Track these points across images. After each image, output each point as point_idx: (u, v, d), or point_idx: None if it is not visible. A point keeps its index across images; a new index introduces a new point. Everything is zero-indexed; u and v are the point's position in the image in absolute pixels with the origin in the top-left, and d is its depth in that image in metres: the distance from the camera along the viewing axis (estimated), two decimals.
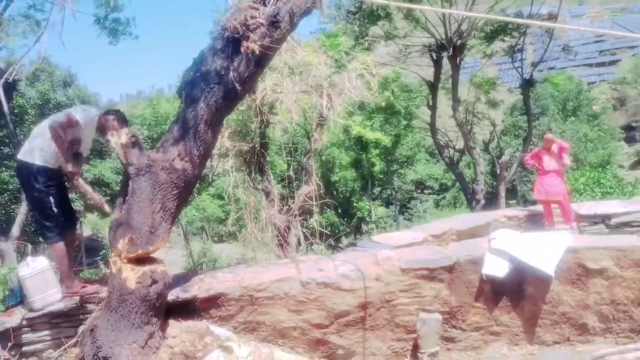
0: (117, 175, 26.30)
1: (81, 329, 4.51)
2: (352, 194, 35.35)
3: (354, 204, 34.72)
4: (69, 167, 4.75)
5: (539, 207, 8.91)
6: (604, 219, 7.96)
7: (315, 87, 7.89)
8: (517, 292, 5.57)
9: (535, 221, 8.64)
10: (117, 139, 4.29)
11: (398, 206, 36.51)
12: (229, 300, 4.86)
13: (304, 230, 10.15)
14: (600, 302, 5.46)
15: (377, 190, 37.21)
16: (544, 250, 5.54)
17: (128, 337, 4.07)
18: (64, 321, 4.57)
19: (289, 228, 8.63)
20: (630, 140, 52.71)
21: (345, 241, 30.67)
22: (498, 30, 17.69)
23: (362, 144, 31.67)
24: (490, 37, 18.07)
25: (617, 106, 57.67)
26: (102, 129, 4.95)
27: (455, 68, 18.66)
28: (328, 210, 30.93)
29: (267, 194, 8.80)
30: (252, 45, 4.22)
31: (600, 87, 62.41)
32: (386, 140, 31.04)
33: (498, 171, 20.97)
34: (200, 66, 4.42)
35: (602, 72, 68.24)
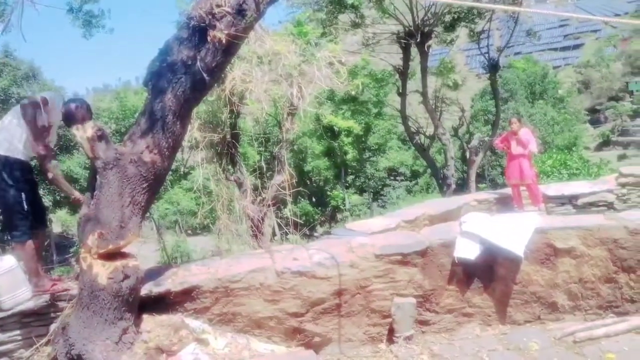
0: (86, 170, 25.73)
1: (53, 327, 4.43)
2: (326, 183, 35.48)
3: (328, 193, 34.88)
4: (40, 149, 4.54)
5: (508, 190, 9.07)
6: (571, 199, 8.16)
7: (285, 77, 7.82)
8: (489, 273, 5.66)
9: (504, 204, 8.81)
10: (83, 132, 4.18)
11: (371, 193, 36.75)
12: (204, 292, 4.83)
13: (279, 220, 10.14)
14: (569, 280, 5.60)
15: (350, 178, 37.39)
16: (513, 232, 5.64)
17: (101, 334, 4.02)
18: (35, 320, 4.47)
19: (263, 219, 8.58)
20: (595, 122, 54.21)
21: (320, 230, 30.81)
22: (459, 18, 17.79)
23: (333, 133, 31.72)
24: (450, 26, 18.18)
25: (581, 89, 59.05)
26: (67, 118, 4.74)
27: (424, 55, 18.74)
28: (302, 199, 30.98)
29: (240, 185, 8.71)
30: (219, 34, 4.17)
31: (565, 70, 63.80)
32: (357, 128, 31.14)
33: (468, 156, 21.26)
34: (167, 56, 4.33)
35: (567, 55, 69.78)
